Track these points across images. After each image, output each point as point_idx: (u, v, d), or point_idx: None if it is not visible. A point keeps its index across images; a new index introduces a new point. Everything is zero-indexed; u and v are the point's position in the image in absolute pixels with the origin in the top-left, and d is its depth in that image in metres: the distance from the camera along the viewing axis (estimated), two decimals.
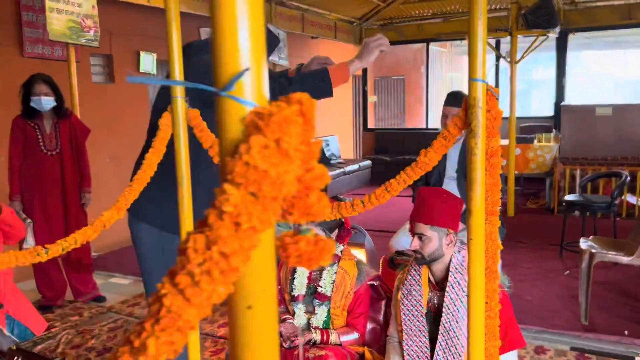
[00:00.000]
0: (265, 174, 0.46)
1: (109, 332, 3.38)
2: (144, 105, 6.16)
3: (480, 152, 1.48)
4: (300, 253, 0.52)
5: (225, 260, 0.47)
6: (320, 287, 2.55)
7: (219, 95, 0.49)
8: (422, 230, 2.21)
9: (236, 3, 0.48)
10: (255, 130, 0.47)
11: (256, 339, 0.52)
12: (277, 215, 0.48)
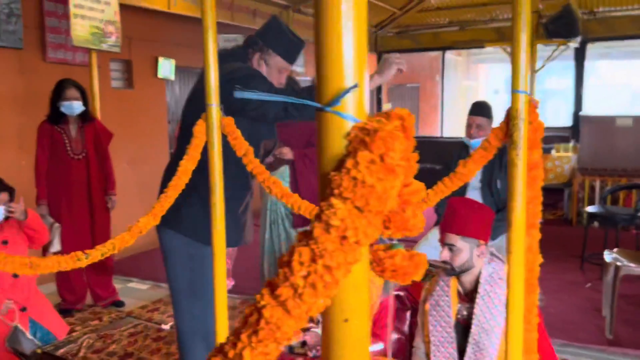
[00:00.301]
0: (372, 189, 0.46)
1: (130, 337, 3.38)
2: (162, 111, 6.21)
3: (522, 164, 1.46)
4: (396, 268, 0.51)
5: (330, 273, 0.47)
6: None
7: (322, 111, 0.49)
8: (452, 241, 2.18)
9: (342, 21, 0.47)
10: (361, 146, 0.47)
11: (351, 353, 0.52)
12: (379, 229, 0.47)
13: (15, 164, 4.58)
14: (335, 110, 0.48)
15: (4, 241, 3.05)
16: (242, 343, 0.50)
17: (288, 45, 2.27)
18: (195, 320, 2.43)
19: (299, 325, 0.49)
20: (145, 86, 5.90)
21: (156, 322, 3.62)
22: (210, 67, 1.88)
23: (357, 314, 0.51)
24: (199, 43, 1.94)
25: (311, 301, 0.47)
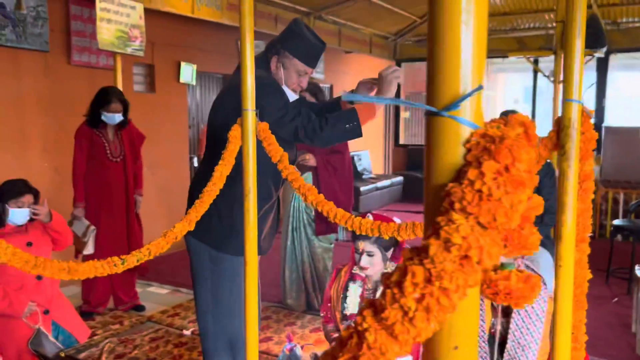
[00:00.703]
0: (499, 204, 0.42)
1: (151, 343, 3.36)
2: (184, 116, 6.21)
3: (573, 176, 1.41)
4: (510, 291, 0.47)
5: (447, 296, 0.43)
6: None
7: (436, 115, 0.45)
8: None
9: (462, 16, 0.44)
10: (484, 155, 0.43)
11: None
12: (502, 248, 0.43)
13: (38, 165, 4.60)
14: (453, 115, 0.44)
15: (29, 243, 3.04)
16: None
17: (307, 48, 2.24)
18: (218, 326, 2.41)
19: (404, 351, 0.45)
20: (167, 91, 5.91)
21: (177, 328, 3.59)
22: (247, 72, 1.86)
23: (467, 341, 0.46)
24: (220, 48, 1.93)
25: (422, 326, 0.43)
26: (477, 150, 0.43)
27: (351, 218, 1.79)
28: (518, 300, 0.48)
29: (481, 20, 0.45)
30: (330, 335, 2.60)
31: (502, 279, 0.47)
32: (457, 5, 0.43)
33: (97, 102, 3.75)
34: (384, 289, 0.47)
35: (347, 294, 2.56)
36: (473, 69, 0.45)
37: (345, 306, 2.55)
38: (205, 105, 6.64)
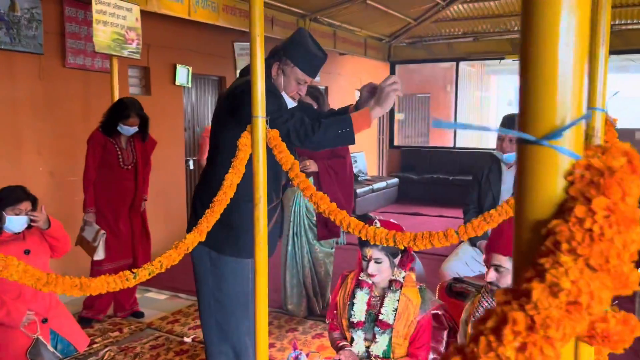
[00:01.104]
0: (611, 244, 0.38)
1: (151, 350, 3.30)
2: (179, 118, 6.15)
3: None
4: (609, 334, 0.44)
5: (551, 346, 0.39)
6: (382, 315, 2.45)
7: (534, 144, 0.42)
8: (500, 262, 2.09)
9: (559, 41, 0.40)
10: (592, 190, 0.39)
11: None
12: (612, 292, 0.40)
13: (33, 169, 4.53)
14: (554, 145, 0.41)
15: (26, 250, 2.98)
16: None
17: (309, 58, 2.24)
18: (221, 330, 2.38)
19: None
20: (162, 93, 5.84)
21: (177, 335, 3.54)
22: (257, 78, 1.82)
23: None
24: (216, 50, 1.90)
25: None
26: (581, 184, 0.40)
27: (365, 227, 1.76)
28: (617, 344, 0.44)
29: (583, 41, 0.42)
30: (336, 343, 2.56)
31: (600, 320, 0.43)
32: (555, 23, 0.40)
33: (115, 113, 3.73)
34: (476, 335, 0.43)
35: (354, 301, 2.53)
36: (574, 93, 0.41)
37: (352, 313, 2.52)
38: (200, 107, 6.58)
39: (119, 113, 3.71)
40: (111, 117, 3.73)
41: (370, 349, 2.47)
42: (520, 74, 0.43)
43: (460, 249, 3.43)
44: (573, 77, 0.41)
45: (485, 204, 3.41)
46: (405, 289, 2.47)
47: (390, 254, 2.45)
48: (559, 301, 0.39)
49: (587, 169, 0.40)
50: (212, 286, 2.37)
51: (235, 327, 2.37)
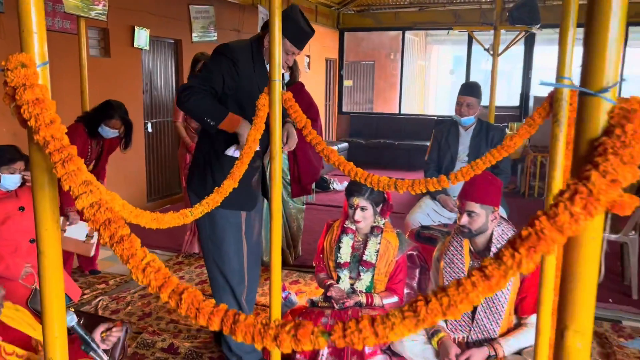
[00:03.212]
0: (635, 150, 0.72)
1: (142, 299, 3.52)
2: (138, 81, 6.17)
3: (563, 139, 1.78)
4: (624, 204, 0.78)
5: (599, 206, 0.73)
6: (365, 255, 2.81)
7: (592, 96, 0.75)
8: (472, 208, 2.47)
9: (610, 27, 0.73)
10: (624, 120, 0.73)
11: None
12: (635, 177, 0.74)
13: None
14: (604, 96, 0.74)
15: (21, 207, 3.10)
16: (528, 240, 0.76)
17: (298, 32, 2.54)
18: (219, 270, 2.65)
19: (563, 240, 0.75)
20: (121, 55, 5.84)
21: None
22: (275, 44, 2.06)
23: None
24: (173, 13, 2.11)
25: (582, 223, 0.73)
26: (618, 118, 0.73)
27: (370, 176, 2.08)
28: (623, 210, 0.79)
29: (622, 25, 0.74)
30: (324, 282, 2.91)
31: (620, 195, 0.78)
32: (608, 15, 0.72)
33: (100, 112, 3.68)
34: (555, 204, 0.76)
35: (341, 245, 2.88)
36: (615, 64, 0.74)
37: (339, 256, 2.87)
38: (157, 70, 6.60)
39: (103, 112, 3.68)
40: (95, 116, 3.69)
41: (355, 285, 2.83)
42: (584, 50, 0.75)
43: (423, 202, 3.84)
44: (615, 53, 0.74)
45: (444, 162, 3.82)
46: (385, 234, 2.84)
47: (374, 203, 2.81)
48: (606, 180, 0.72)
49: (621, 110, 0.74)
50: (209, 232, 2.64)
51: (228, 266, 2.65)
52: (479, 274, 0.82)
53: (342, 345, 0.92)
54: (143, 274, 1.01)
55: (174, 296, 1.00)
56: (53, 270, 1.15)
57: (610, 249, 4.19)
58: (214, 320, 0.98)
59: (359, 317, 0.92)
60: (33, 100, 1.04)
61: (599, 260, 0.81)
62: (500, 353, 2.40)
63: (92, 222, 1.04)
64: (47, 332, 1.17)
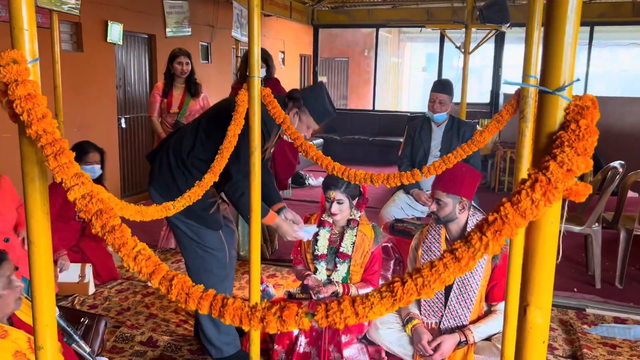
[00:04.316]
0: (587, 143, 0.81)
1: (119, 294, 3.53)
2: (111, 76, 6.12)
3: (529, 134, 1.87)
4: (578, 191, 0.86)
5: (557, 192, 0.81)
6: (342, 247, 2.89)
7: (550, 94, 0.83)
8: (439, 197, 2.60)
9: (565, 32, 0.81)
10: (578, 116, 0.81)
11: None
12: (587, 168, 0.82)
13: None
14: (561, 94, 0.82)
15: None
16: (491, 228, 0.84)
17: (323, 112, 2.62)
18: (203, 271, 2.69)
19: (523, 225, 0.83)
20: (94, 50, 5.79)
21: (139, 281, 3.78)
22: (254, 44, 2.11)
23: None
24: (146, 8, 2.13)
25: (542, 208, 0.82)
26: (573, 113, 0.82)
27: (347, 169, 2.15)
28: (577, 197, 0.87)
29: (576, 30, 0.83)
30: (301, 273, 2.98)
31: (574, 184, 0.86)
32: (564, 21, 0.81)
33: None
34: (517, 192, 0.84)
35: (318, 237, 2.95)
36: (570, 64, 0.83)
37: (316, 248, 2.94)
38: (131, 65, 6.55)
39: (76, 153, 3.50)
40: None
41: (332, 276, 2.91)
42: (543, 52, 0.83)
43: (397, 196, 3.94)
44: (570, 54, 0.82)
45: (417, 157, 3.93)
46: (361, 226, 2.92)
47: (350, 196, 2.88)
48: (563, 170, 0.81)
49: (576, 107, 0.82)
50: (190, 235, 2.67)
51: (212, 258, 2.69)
52: (450, 256, 0.90)
53: (325, 325, 0.99)
54: (134, 262, 1.06)
55: (165, 282, 1.05)
56: (43, 260, 1.19)
57: (574, 240, 4.38)
58: (204, 304, 1.04)
59: None
60: (25, 96, 1.08)
61: (557, 243, 0.89)
62: (470, 339, 2.51)
63: (84, 212, 1.09)
64: (37, 321, 1.21)
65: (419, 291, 0.92)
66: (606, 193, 3.91)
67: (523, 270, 0.90)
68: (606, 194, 3.91)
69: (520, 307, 0.91)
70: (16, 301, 1.81)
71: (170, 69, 4.50)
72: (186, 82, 4.56)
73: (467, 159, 3.71)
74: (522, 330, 0.91)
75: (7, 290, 1.77)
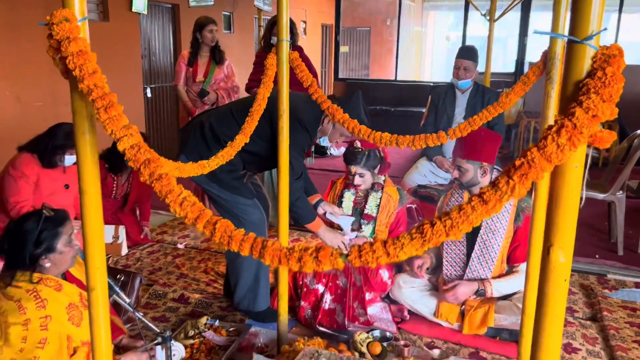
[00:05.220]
0: (614, 89, 0.85)
1: (150, 255, 3.67)
2: (136, 46, 6.19)
3: (555, 95, 1.90)
4: (602, 137, 0.91)
5: (582, 138, 0.86)
6: (366, 209, 2.97)
7: (579, 43, 0.87)
8: (460, 163, 2.66)
9: None
10: (605, 64, 0.85)
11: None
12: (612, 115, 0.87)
13: (0, 93, 4.56)
14: (590, 43, 0.86)
15: (66, 185, 3.20)
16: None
17: (358, 121, 2.52)
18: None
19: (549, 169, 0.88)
20: (120, 20, 5.85)
21: (169, 243, 3.91)
22: (283, 6, 2.15)
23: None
24: None
25: (567, 152, 0.86)
26: (600, 62, 0.86)
27: (372, 133, 2.20)
28: (602, 143, 0.91)
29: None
30: None
31: (599, 131, 0.91)
32: None
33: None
34: (544, 137, 0.89)
35: (343, 199, 3.03)
36: (598, 14, 0.86)
37: (341, 209, 3.01)
38: (155, 35, 6.61)
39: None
40: (112, 150, 3.63)
41: (357, 236, 2.99)
42: (572, 3, 0.87)
43: (420, 163, 3.98)
44: (599, 6, 0.86)
45: (440, 125, 3.94)
46: (386, 188, 2.99)
47: (371, 167, 2.94)
48: (588, 116, 0.85)
49: (603, 55, 0.86)
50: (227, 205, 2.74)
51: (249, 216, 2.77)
52: (477, 199, 0.96)
53: (358, 264, 1.06)
54: (180, 207, 1.14)
55: (209, 226, 1.13)
56: (93, 207, 1.28)
57: (597, 209, 4.38)
58: (245, 246, 1.12)
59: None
60: (77, 52, 1.15)
61: (581, 187, 0.94)
62: (488, 291, 2.58)
63: (133, 161, 1.16)
64: (90, 264, 1.31)
65: (448, 232, 0.98)
66: (631, 161, 3.90)
67: (547, 212, 0.95)
68: (631, 162, 3.89)
69: (543, 248, 0.97)
70: (72, 259, 1.93)
71: (197, 38, 4.54)
72: (211, 50, 4.61)
73: (492, 126, 3.74)
74: (545, 269, 0.97)
75: (67, 247, 1.89)
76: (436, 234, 0.98)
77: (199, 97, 4.48)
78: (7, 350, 1.76)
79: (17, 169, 3.03)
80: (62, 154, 3.08)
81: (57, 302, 1.87)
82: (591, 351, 2.61)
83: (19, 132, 4.71)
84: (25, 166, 3.04)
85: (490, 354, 2.53)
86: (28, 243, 1.87)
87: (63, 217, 1.96)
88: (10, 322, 1.77)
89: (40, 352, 1.78)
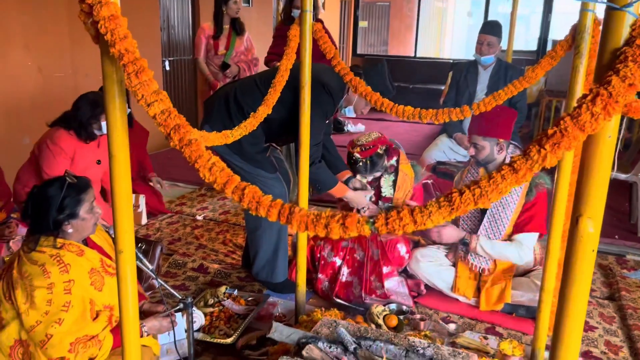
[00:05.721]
0: None
1: (170, 226, 3.73)
2: (155, 18, 6.18)
3: (583, 70, 1.87)
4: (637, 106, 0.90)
5: (617, 105, 0.85)
6: (382, 192, 2.97)
7: (618, 10, 0.85)
8: (476, 141, 2.65)
9: None
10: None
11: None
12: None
13: (22, 64, 4.60)
14: (629, 11, 0.85)
15: (98, 161, 3.25)
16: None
17: (383, 88, 2.57)
18: None
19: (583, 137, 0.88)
20: None
21: (188, 215, 3.96)
22: None
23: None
24: None
25: (601, 120, 0.86)
26: (639, 29, 0.84)
27: (395, 106, 2.20)
28: (637, 112, 0.91)
29: None
30: None
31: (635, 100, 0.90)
32: None
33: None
34: (578, 106, 0.88)
35: None
36: None
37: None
38: (174, 7, 6.59)
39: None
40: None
41: None
42: None
43: (440, 140, 3.96)
44: None
45: (461, 102, 3.90)
46: (401, 166, 2.98)
47: (378, 170, 2.93)
48: (624, 84, 0.84)
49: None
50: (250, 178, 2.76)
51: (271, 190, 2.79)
52: (508, 168, 0.96)
53: (385, 232, 1.07)
54: (210, 172, 1.16)
55: (237, 192, 1.15)
56: (122, 171, 1.30)
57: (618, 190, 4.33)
58: (273, 212, 1.13)
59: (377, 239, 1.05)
60: (109, 17, 1.15)
61: (613, 158, 0.94)
62: (472, 244, 2.62)
63: (164, 127, 1.18)
64: (118, 228, 1.33)
65: (476, 201, 0.98)
66: None
67: (578, 182, 0.95)
68: None
69: (572, 218, 0.97)
70: (94, 225, 1.97)
71: (221, 11, 4.52)
72: (231, 22, 4.59)
73: (514, 102, 3.70)
74: (573, 239, 0.97)
75: (89, 214, 1.93)
76: (464, 203, 0.99)
77: (221, 70, 4.48)
78: (32, 312, 1.81)
79: (56, 144, 3.11)
80: (96, 122, 3.12)
81: (80, 266, 1.91)
82: (608, 329, 2.61)
83: (40, 101, 4.77)
84: (63, 142, 3.13)
85: (507, 329, 2.55)
86: (51, 208, 1.90)
87: (85, 184, 1.99)
88: (35, 285, 1.81)
89: (64, 315, 1.83)
